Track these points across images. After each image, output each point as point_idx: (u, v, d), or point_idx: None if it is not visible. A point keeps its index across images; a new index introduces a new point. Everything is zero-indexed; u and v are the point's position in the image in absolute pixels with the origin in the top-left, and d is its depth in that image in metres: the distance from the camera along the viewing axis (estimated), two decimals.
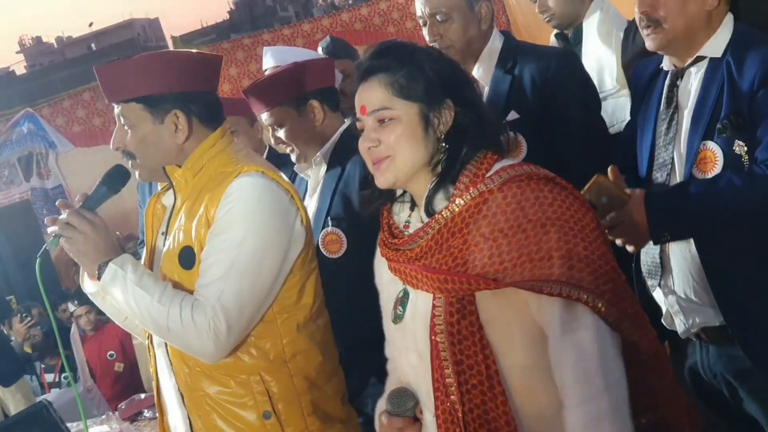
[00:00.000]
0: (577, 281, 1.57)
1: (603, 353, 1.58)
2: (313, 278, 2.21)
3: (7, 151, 9.12)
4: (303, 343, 2.17)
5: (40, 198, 9.13)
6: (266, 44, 7.71)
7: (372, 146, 1.73)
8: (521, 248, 1.58)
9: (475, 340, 1.63)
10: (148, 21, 55.91)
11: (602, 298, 1.58)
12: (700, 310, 2.20)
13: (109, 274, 2.09)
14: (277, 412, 2.13)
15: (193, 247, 2.11)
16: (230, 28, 39.27)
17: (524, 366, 1.65)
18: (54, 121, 9.02)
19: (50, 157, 9.16)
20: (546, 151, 2.65)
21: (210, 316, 2.01)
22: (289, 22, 9.11)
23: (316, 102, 2.82)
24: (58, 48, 52.71)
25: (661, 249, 2.22)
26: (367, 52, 1.78)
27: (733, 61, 2.12)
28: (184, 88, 2.14)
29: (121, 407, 4.30)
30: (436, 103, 1.70)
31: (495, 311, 1.64)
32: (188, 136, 2.15)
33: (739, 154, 2.07)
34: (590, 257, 1.59)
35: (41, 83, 31.39)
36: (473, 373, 1.63)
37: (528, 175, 1.65)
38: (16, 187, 9.22)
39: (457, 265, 1.64)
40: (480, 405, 1.63)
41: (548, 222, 1.59)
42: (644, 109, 2.36)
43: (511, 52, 2.85)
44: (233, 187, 2.07)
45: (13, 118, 9.14)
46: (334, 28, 8.81)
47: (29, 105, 9.38)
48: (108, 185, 2.22)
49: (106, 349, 6.44)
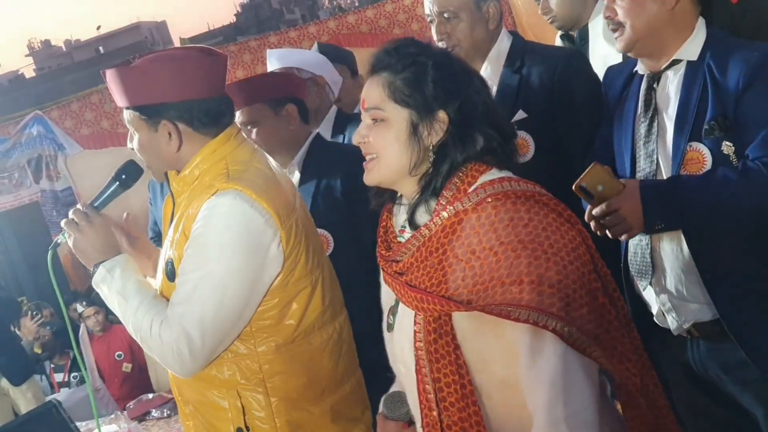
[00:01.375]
0: (546, 307, 1.52)
1: (566, 382, 1.54)
2: (302, 298, 2.16)
3: (17, 154, 9.16)
4: (283, 364, 2.14)
5: (49, 200, 9.16)
6: (272, 47, 7.75)
7: (362, 141, 1.74)
8: (492, 271, 1.55)
9: (451, 359, 1.62)
10: (155, 24, 55.93)
11: (572, 325, 1.54)
12: (692, 307, 2.22)
13: (99, 276, 2.15)
14: (250, 429, 2.13)
15: (174, 260, 2.12)
16: (237, 31, 39.26)
17: (503, 382, 1.64)
18: (63, 124, 9.06)
19: (59, 159, 9.18)
20: (553, 151, 2.67)
21: (174, 337, 2.02)
22: (295, 25, 9.13)
23: (293, 107, 2.90)
24: (66, 51, 52.79)
25: (652, 248, 2.24)
26: (382, 45, 1.77)
27: (714, 64, 2.14)
28: (177, 97, 2.11)
29: (130, 407, 4.33)
30: (427, 113, 1.67)
31: (471, 331, 1.62)
32: (180, 145, 2.14)
33: (727, 155, 2.09)
34: (562, 282, 1.54)
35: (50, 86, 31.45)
36: (450, 391, 1.63)
37: (505, 194, 1.61)
38: (26, 190, 9.25)
39: (432, 284, 1.62)
40: (458, 422, 1.63)
41: (520, 245, 1.54)
42: (620, 115, 2.38)
43: (520, 52, 2.86)
44: (207, 205, 2.04)
45: (22, 121, 9.17)
46: (340, 31, 8.82)
47: (38, 108, 9.43)
48: (120, 181, 2.25)
49: (114, 349, 6.48)
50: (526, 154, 2.72)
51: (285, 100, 2.91)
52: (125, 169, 2.26)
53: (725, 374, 2.25)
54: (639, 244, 2.28)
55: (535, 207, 1.59)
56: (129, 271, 2.16)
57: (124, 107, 2.16)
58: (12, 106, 13.04)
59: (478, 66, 2.88)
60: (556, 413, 1.53)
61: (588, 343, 1.56)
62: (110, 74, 2.14)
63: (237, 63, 8.65)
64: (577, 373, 1.56)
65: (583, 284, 1.57)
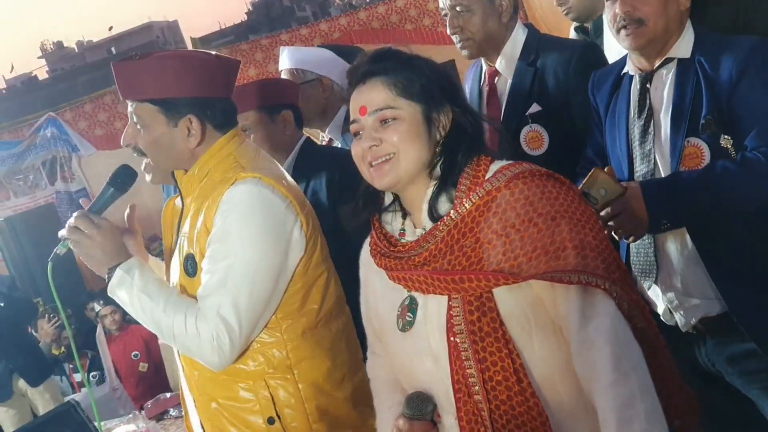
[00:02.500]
0: (592, 269, 1.59)
1: (624, 337, 1.59)
2: (321, 283, 2.19)
3: (31, 156, 9.21)
4: (308, 349, 2.16)
5: (64, 201, 9.21)
6: (284, 44, 7.73)
7: (373, 145, 1.73)
8: (534, 242, 1.60)
9: (497, 336, 1.64)
10: (166, 23, 56.07)
11: (614, 285, 1.61)
12: (699, 303, 2.22)
13: (116, 279, 2.11)
14: (282, 417, 2.14)
15: (195, 255, 2.12)
16: (248, 29, 39.31)
17: (542, 357, 1.66)
18: (76, 125, 9.11)
19: (73, 160, 9.24)
20: (567, 144, 2.66)
21: (212, 327, 2.01)
22: (306, 22, 9.14)
23: (288, 113, 2.92)
24: (79, 52, 52.99)
25: (655, 247, 2.24)
26: (362, 58, 1.79)
27: (705, 60, 2.16)
28: (201, 92, 2.12)
29: (147, 406, 4.34)
30: (437, 104, 1.72)
31: (513, 306, 1.65)
32: (200, 142, 2.14)
33: (725, 148, 2.10)
34: (600, 246, 1.62)
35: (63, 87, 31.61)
36: (497, 369, 1.64)
37: (530, 172, 1.67)
38: (41, 191, 9.30)
39: (471, 264, 1.64)
40: (506, 401, 1.64)
41: (558, 215, 1.61)
42: (612, 119, 2.38)
43: (534, 44, 2.86)
44: (228, 195, 2.05)
45: (36, 123, 9.23)
46: (352, 27, 8.82)
47: (52, 109, 9.48)
48: (115, 186, 2.22)
49: (130, 349, 6.52)
50: (540, 147, 2.72)
51: (281, 107, 2.94)
52: (120, 174, 2.24)
53: (732, 367, 2.25)
54: (641, 243, 2.27)
55: (557, 183, 1.68)
56: (147, 270, 2.15)
57: (137, 101, 2.13)
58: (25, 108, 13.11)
59: (492, 60, 2.87)
60: (624, 366, 1.56)
61: (627, 302, 1.63)
62: (126, 65, 2.12)
63: (249, 61, 8.66)
64: (628, 330, 1.62)
65: (612, 250, 1.66)
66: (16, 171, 9.26)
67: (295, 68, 3.28)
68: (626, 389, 1.54)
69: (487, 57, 2.90)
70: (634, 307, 1.66)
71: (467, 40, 2.81)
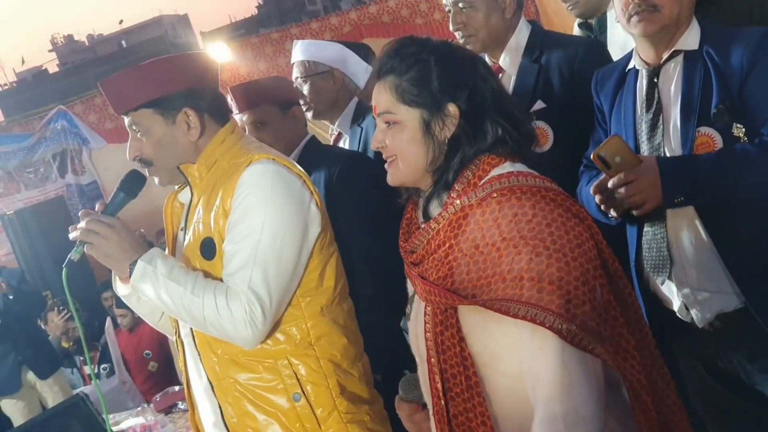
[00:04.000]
0: (545, 304, 1.51)
1: (565, 380, 1.53)
2: (333, 262, 2.24)
3: (42, 149, 9.25)
4: (327, 326, 2.21)
5: (75, 194, 9.26)
6: (294, 38, 7.74)
7: (380, 146, 1.75)
8: (494, 266, 1.55)
9: (456, 351, 1.63)
10: (177, 17, 56.12)
11: (573, 323, 1.51)
12: (716, 298, 2.18)
13: (139, 272, 2.11)
14: (306, 393, 2.16)
15: (213, 237, 2.14)
16: (258, 23, 39.35)
17: (507, 374, 1.63)
18: (87, 118, 9.14)
19: (84, 153, 9.27)
20: (573, 141, 2.64)
21: (244, 302, 2.04)
22: (317, 16, 9.13)
23: (299, 109, 2.99)
24: (89, 46, 53.10)
25: (668, 241, 2.21)
26: (383, 49, 1.77)
27: (714, 51, 2.14)
28: (192, 84, 2.17)
29: (156, 399, 4.35)
30: (437, 109, 1.68)
31: (476, 324, 1.62)
32: (201, 133, 2.18)
33: (738, 137, 2.08)
34: (563, 279, 1.52)
35: (73, 81, 31.76)
36: (456, 382, 1.64)
37: (511, 189, 1.60)
38: (52, 184, 9.34)
39: (439, 277, 1.63)
40: (463, 412, 1.64)
41: (521, 241, 1.54)
42: (618, 115, 2.35)
43: (538, 41, 2.84)
44: (246, 175, 2.09)
45: (46, 116, 9.26)
46: (362, 21, 8.82)
47: (62, 102, 9.52)
48: (126, 190, 2.24)
49: (143, 347, 6.51)
50: (545, 144, 2.70)
51: (292, 102, 2.99)
52: (130, 179, 2.26)
53: (750, 364, 2.21)
54: (654, 238, 2.25)
55: (540, 202, 1.57)
56: (169, 258, 2.16)
57: (131, 110, 2.17)
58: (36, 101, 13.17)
59: (496, 56, 2.86)
60: (554, 409, 1.52)
61: (589, 341, 1.53)
62: (113, 80, 2.17)
63: (259, 55, 8.68)
64: (576, 370, 1.53)
65: (587, 281, 1.55)
66: (26, 164, 9.30)
67: (307, 60, 3.29)
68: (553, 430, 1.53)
69: (490, 53, 2.89)
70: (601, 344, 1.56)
71: (470, 36, 2.79)
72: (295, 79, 3.30)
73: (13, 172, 9.32)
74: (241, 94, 2.93)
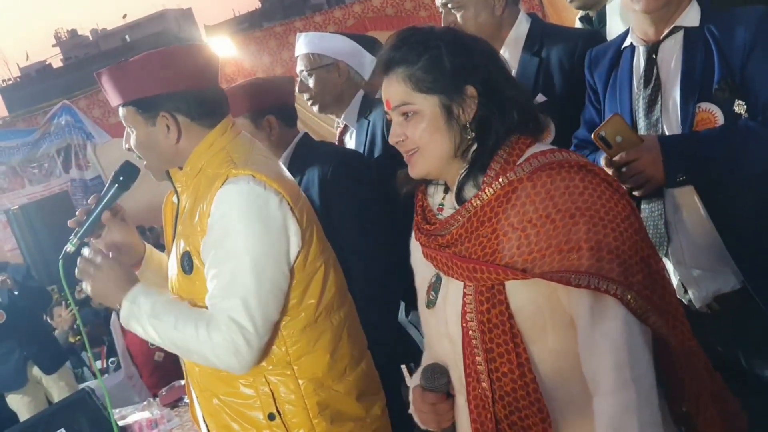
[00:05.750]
0: (605, 273, 1.54)
1: (630, 345, 1.56)
2: (319, 277, 2.18)
3: (46, 144, 9.26)
4: (308, 344, 2.16)
5: (79, 189, 9.26)
6: (298, 32, 7.73)
7: (399, 140, 1.73)
8: (550, 239, 1.56)
9: (505, 328, 1.62)
10: (180, 11, 56.14)
11: (630, 290, 1.56)
12: (714, 278, 2.18)
13: (125, 312, 2.13)
14: (282, 413, 2.14)
15: (191, 252, 2.12)
16: (262, 17, 39.30)
17: (556, 352, 1.64)
18: (91, 113, 9.13)
19: (88, 148, 9.27)
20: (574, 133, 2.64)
21: (225, 333, 2.02)
22: (320, 9, 9.12)
23: (272, 119, 2.90)
24: (93, 40, 53.14)
25: (666, 218, 2.20)
26: (386, 43, 1.77)
27: (716, 27, 2.14)
28: (171, 87, 2.11)
29: (162, 394, 4.35)
30: (456, 92, 1.67)
31: (525, 299, 1.63)
32: (179, 137, 2.13)
33: (739, 113, 2.07)
34: (620, 248, 1.56)
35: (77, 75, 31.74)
36: (503, 361, 1.63)
37: (559, 163, 1.61)
38: (56, 179, 9.35)
39: (486, 254, 1.62)
40: (510, 393, 1.63)
41: (577, 212, 1.56)
42: (613, 93, 2.34)
43: (538, 35, 2.86)
44: (220, 195, 2.04)
45: (50, 111, 9.26)
46: (366, 14, 8.79)
47: (66, 97, 9.52)
48: (119, 183, 2.24)
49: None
50: (547, 137, 2.70)
51: (264, 111, 2.90)
52: (122, 171, 2.26)
53: (749, 349, 2.21)
54: (651, 215, 2.23)
55: (588, 176, 1.60)
56: (150, 293, 2.14)
57: (119, 105, 2.16)
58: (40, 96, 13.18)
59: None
60: (624, 375, 1.54)
61: (645, 308, 1.58)
62: (103, 74, 2.15)
63: (263, 49, 8.65)
64: (639, 338, 1.57)
65: (638, 251, 1.59)
66: (31, 159, 9.31)
67: (311, 53, 3.27)
68: (623, 399, 1.54)
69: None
70: (655, 313, 1.60)
71: None
72: (300, 73, 3.28)
73: (17, 167, 9.33)
74: None
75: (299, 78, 3.29)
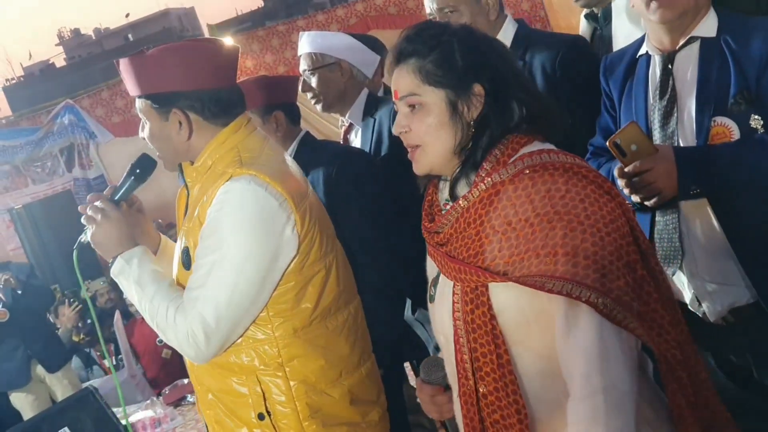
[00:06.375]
0: (580, 279, 1.52)
1: (602, 353, 1.53)
2: (317, 281, 2.17)
3: (49, 143, 9.27)
4: (301, 347, 2.15)
5: (82, 188, 9.27)
6: (301, 30, 7.73)
7: (403, 131, 1.73)
8: (528, 243, 1.55)
9: (487, 329, 1.62)
10: (183, 10, 56.09)
11: (608, 297, 1.52)
12: (728, 290, 2.16)
13: (117, 268, 2.19)
14: (272, 414, 2.15)
15: (190, 248, 2.14)
16: (265, 16, 39.25)
17: (539, 354, 1.63)
18: (94, 112, 9.15)
19: (91, 147, 9.28)
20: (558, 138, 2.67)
21: (189, 322, 2.04)
22: (323, 8, 9.10)
23: (280, 114, 2.92)
24: (96, 40, 53.10)
25: (680, 231, 2.18)
26: (401, 34, 1.76)
27: (732, 39, 2.11)
28: (186, 86, 2.11)
29: (165, 392, 4.36)
30: (463, 89, 1.67)
31: (508, 302, 1.62)
32: (190, 134, 2.14)
33: (755, 128, 2.05)
34: (598, 253, 1.53)
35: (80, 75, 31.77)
36: (486, 361, 1.63)
37: (543, 165, 1.60)
38: (59, 178, 9.36)
39: (470, 255, 1.63)
40: (493, 392, 1.64)
41: (555, 216, 1.54)
42: (628, 102, 2.32)
43: (524, 39, 2.88)
44: (221, 192, 2.05)
45: (54, 110, 9.27)
46: (368, 13, 8.80)
47: (69, 96, 9.52)
48: (135, 175, 2.26)
49: (155, 335, 6.50)
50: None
51: (272, 107, 2.92)
52: (140, 163, 2.27)
53: (762, 360, 2.19)
54: (665, 228, 2.22)
55: (573, 179, 1.58)
56: (145, 261, 2.19)
57: (136, 96, 2.18)
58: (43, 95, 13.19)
59: None
60: (593, 383, 1.52)
61: (624, 315, 1.54)
62: (123, 63, 2.16)
63: (265, 48, 8.66)
64: (614, 345, 1.54)
65: (621, 256, 1.56)
66: (34, 158, 9.32)
67: (314, 52, 3.27)
68: (590, 408, 1.52)
69: None
70: (636, 319, 1.57)
71: None
72: (303, 72, 3.28)
73: (20, 166, 9.34)
74: None
75: (302, 77, 3.29)
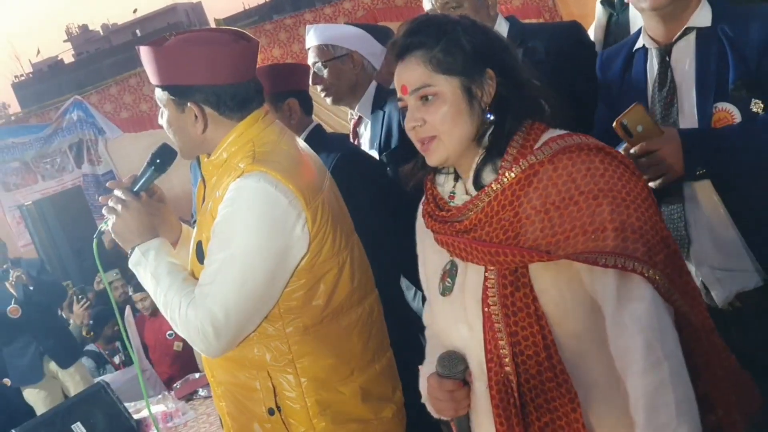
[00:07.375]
0: (630, 252, 1.55)
1: (659, 324, 1.57)
2: (329, 278, 2.15)
3: (58, 139, 9.27)
4: (311, 344, 2.14)
5: (91, 184, 9.27)
6: (308, 24, 7.71)
7: (417, 125, 1.71)
8: (574, 220, 1.57)
9: (530, 311, 1.63)
10: (191, 5, 56.15)
11: (655, 269, 1.56)
12: (736, 276, 2.16)
13: (134, 259, 2.21)
14: (282, 409, 2.15)
15: (203, 242, 2.14)
16: (272, 9, 39.20)
17: (577, 334, 1.65)
18: (102, 108, 9.14)
19: (100, 143, 9.28)
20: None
21: (200, 317, 2.05)
22: (330, 1, 9.05)
23: (294, 101, 2.91)
24: (104, 35, 53.24)
25: (686, 219, 2.18)
26: (400, 30, 1.76)
27: (729, 27, 2.12)
28: (204, 80, 2.10)
29: (176, 387, 4.36)
30: (476, 74, 1.68)
31: (548, 282, 1.64)
32: (205, 128, 2.13)
33: (756, 112, 2.06)
34: (643, 228, 1.57)
35: (89, 71, 31.85)
36: (528, 344, 1.63)
37: (578, 146, 1.62)
38: (68, 174, 9.36)
39: (508, 237, 1.62)
40: (536, 375, 1.63)
41: (600, 193, 1.57)
42: (627, 94, 2.31)
43: (518, 32, 2.94)
44: (233, 188, 2.05)
45: (62, 107, 9.27)
46: (375, 5, 8.78)
47: (78, 92, 9.52)
48: (155, 165, 2.25)
49: (165, 328, 6.52)
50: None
51: (286, 94, 2.90)
52: (159, 153, 2.27)
53: None
54: (670, 217, 2.21)
55: (607, 158, 1.62)
56: (163, 253, 2.19)
57: (155, 85, 2.18)
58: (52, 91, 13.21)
59: None
60: (656, 354, 1.54)
61: (669, 287, 1.59)
62: (144, 51, 2.15)
63: (273, 41, 8.65)
64: (665, 316, 1.59)
65: (658, 231, 1.60)
66: (43, 154, 9.32)
67: (324, 44, 3.25)
68: (657, 377, 1.54)
69: None
70: (678, 290, 1.61)
71: None
72: (313, 65, 3.25)
73: (30, 162, 9.35)
74: None
75: (312, 70, 3.27)
